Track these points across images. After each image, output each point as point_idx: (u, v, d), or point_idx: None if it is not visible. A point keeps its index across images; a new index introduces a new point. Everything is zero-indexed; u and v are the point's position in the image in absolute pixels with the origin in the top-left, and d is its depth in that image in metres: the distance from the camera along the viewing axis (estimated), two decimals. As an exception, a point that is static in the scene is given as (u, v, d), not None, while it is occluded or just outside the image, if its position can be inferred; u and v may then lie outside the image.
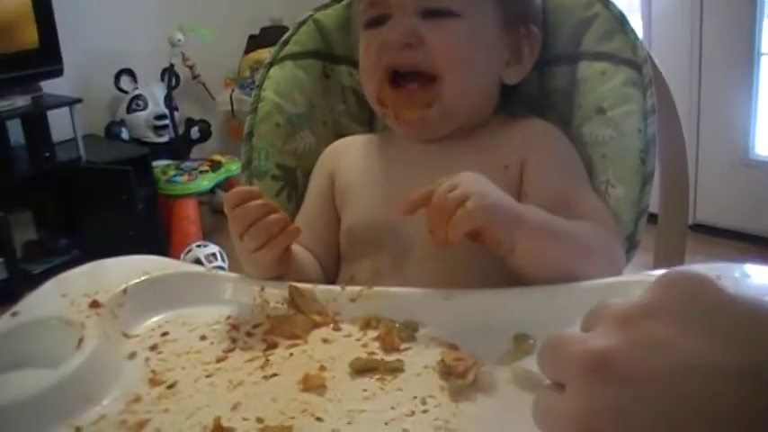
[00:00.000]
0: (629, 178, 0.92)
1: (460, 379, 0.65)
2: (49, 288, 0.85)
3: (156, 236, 3.13)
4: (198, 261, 2.85)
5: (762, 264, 0.78)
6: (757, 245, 2.77)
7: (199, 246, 2.97)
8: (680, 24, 2.86)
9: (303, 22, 1.10)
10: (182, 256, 2.93)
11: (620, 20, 0.98)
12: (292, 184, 1.04)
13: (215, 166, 3.34)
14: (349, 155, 1.02)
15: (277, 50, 1.09)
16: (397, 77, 0.92)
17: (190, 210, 3.23)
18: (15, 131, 3.05)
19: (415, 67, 0.91)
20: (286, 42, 1.09)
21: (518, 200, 0.84)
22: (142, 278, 0.85)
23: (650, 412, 0.41)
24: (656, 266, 1.17)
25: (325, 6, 1.10)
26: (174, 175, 3.27)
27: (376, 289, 0.81)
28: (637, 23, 2.97)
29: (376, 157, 1.00)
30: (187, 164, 3.39)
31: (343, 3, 1.10)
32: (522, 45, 0.97)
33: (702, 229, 2.93)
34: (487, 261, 0.85)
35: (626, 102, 0.94)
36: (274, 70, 1.07)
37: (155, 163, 3.28)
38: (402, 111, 0.93)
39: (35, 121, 3.04)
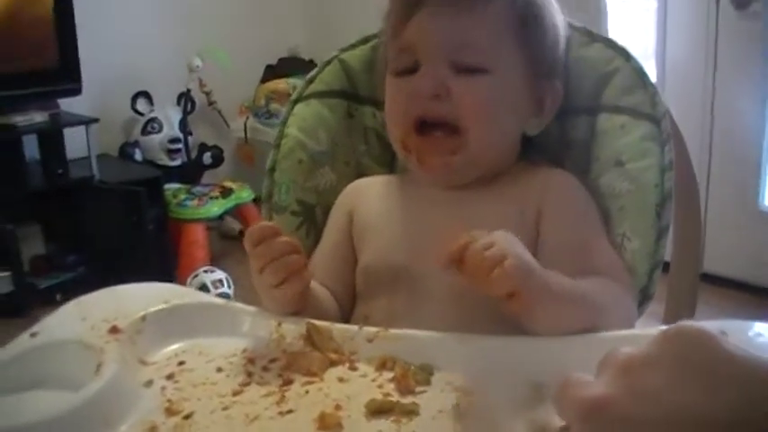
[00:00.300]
0: (644, 231, 0.94)
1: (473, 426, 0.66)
2: (69, 310, 0.86)
3: (163, 258, 3.15)
4: (204, 286, 2.86)
5: None
6: (765, 297, 2.76)
7: (206, 271, 2.98)
8: (693, 71, 2.88)
9: (329, 62, 1.12)
10: (188, 280, 2.94)
11: (641, 75, 1.00)
12: (312, 220, 1.06)
13: (226, 192, 3.36)
14: (369, 194, 1.03)
15: (303, 88, 1.10)
16: (423, 125, 0.94)
17: (198, 234, 3.24)
18: (31, 146, 3.09)
19: (443, 119, 0.93)
20: (312, 80, 1.11)
21: (532, 247, 0.86)
22: (161, 306, 0.86)
23: None
24: (666, 316, 1.18)
25: (352, 47, 1.12)
26: (185, 199, 3.29)
27: (393, 331, 0.82)
28: (651, 69, 2.99)
29: (395, 198, 1.01)
30: (198, 188, 3.41)
31: (370, 44, 1.12)
32: (545, 98, 0.99)
33: (709, 279, 2.93)
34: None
35: (644, 156, 0.96)
36: (299, 107, 1.09)
37: (166, 186, 3.30)
38: (426, 156, 0.95)
39: (51, 137, 3.08)
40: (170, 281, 2.92)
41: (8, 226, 2.88)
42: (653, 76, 2.89)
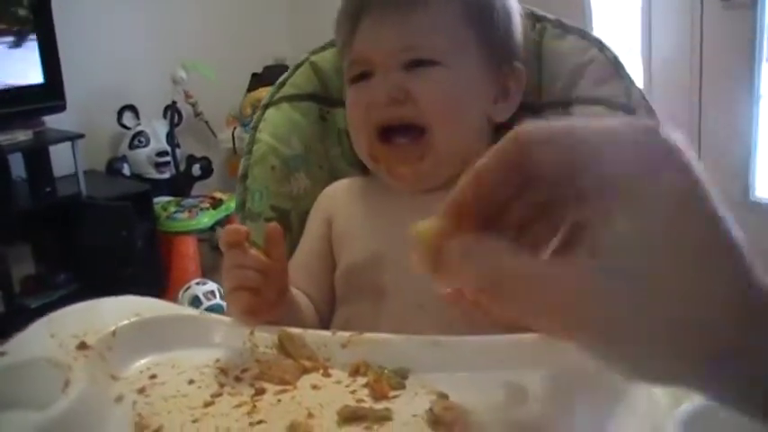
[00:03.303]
0: None
1: (448, 430, 0.64)
2: (38, 328, 0.84)
3: (155, 272, 3.13)
4: (196, 298, 2.84)
5: None
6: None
7: (198, 283, 2.96)
8: (680, 66, 2.87)
9: (300, 65, 1.11)
10: (180, 293, 2.92)
11: (615, 64, 0.98)
12: (286, 226, 1.04)
13: (216, 203, 3.35)
14: (346, 198, 1.02)
15: (273, 92, 1.09)
16: (386, 132, 0.92)
17: (189, 247, 3.22)
18: (17, 165, 3.06)
19: (404, 121, 0.92)
20: (282, 84, 1.10)
21: None
22: (132, 320, 0.84)
23: None
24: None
25: (322, 49, 1.11)
26: (175, 212, 3.27)
27: (366, 335, 0.80)
28: (637, 65, 2.98)
29: (373, 202, 1.00)
30: (188, 201, 3.39)
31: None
32: (507, 82, 0.97)
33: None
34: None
35: None
36: (270, 112, 1.08)
37: (155, 199, 3.29)
38: (394, 166, 0.94)
39: (37, 155, 3.06)
40: (161, 295, 2.91)
41: (-3, 247, 2.87)
42: (639, 72, 2.92)
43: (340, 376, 0.77)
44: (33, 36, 2.97)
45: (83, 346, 0.79)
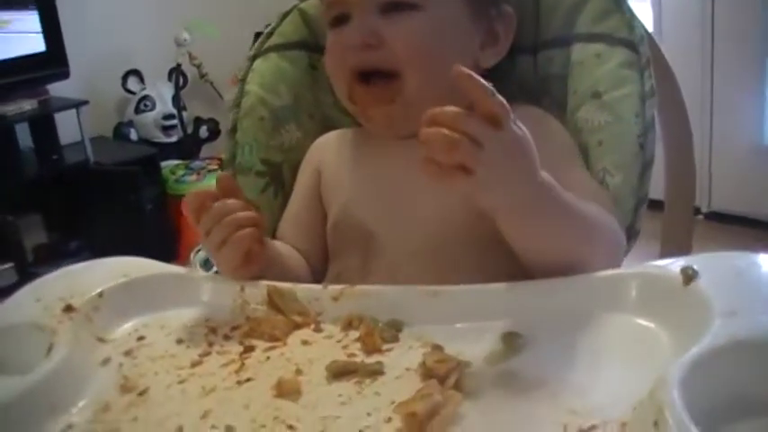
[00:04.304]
0: (627, 165, 0.88)
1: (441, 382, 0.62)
2: (25, 293, 0.82)
3: (165, 236, 3.12)
4: (207, 260, 2.82)
5: None
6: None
7: (208, 245, 2.94)
8: (690, 14, 2.80)
9: (288, 13, 1.07)
10: (191, 255, 2.90)
11: None
12: (278, 179, 1.01)
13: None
14: (335, 149, 0.98)
15: (261, 42, 1.05)
16: (366, 76, 0.89)
17: (199, 209, 3.20)
18: (23, 135, 3.04)
19: (377, 68, 0.88)
20: (270, 34, 1.06)
21: None
22: (120, 281, 0.82)
23: None
24: (662, 254, 1.13)
25: (311, -5, 1.07)
26: (183, 175, 3.25)
27: (359, 287, 0.77)
28: (647, 13, 2.91)
29: (361, 152, 0.96)
30: (196, 163, 3.37)
31: (330, -9, 1.07)
32: (495, 27, 0.93)
33: (717, 216, 2.88)
34: (481, 255, 0.82)
35: (622, 84, 0.90)
36: (258, 63, 1.04)
37: (164, 163, 3.26)
38: (367, 108, 0.90)
39: (42, 124, 3.03)
40: (173, 258, 2.90)
41: (9, 217, 2.85)
42: (649, 21, 2.85)
43: (332, 331, 0.74)
44: (33, 4, 2.94)
45: (69, 308, 0.77)
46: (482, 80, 0.65)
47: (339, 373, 0.66)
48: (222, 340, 0.75)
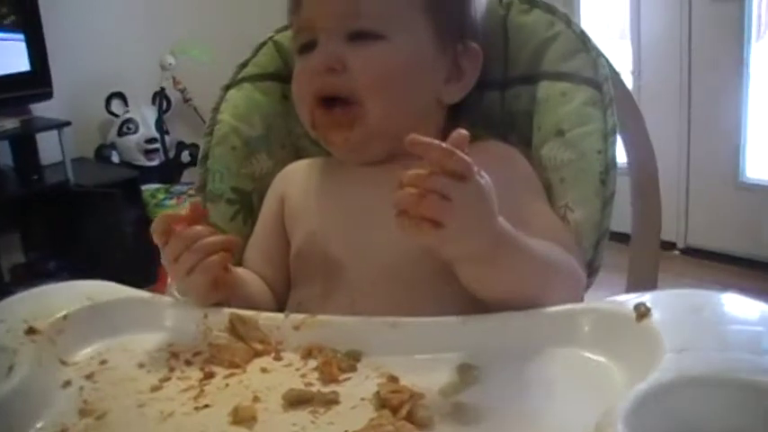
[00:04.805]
0: (588, 201, 0.90)
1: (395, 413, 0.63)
2: (-10, 314, 0.83)
3: (144, 259, 3.11)
4: (185, 285, 2.82)
5: (753, 287, 0.76)
6: (747, 268, 2.73)
7: (187, 269, 2.94)
8: (669, 48, 2.85)
9: (263, 44, 1.09)
10: (169, 279, 2.90)
11: (582, 38, 0.96)
12: (248, 207, 1.02)
13: (205, 189, 3.32)
14: (299, 177, 1.00)
15: (235, 73, 1.07)
16: (329, 103, 0.90)
17: (179, 233, 3.20)
18: (4, 153, 3.05)
19: (338, 93, 0.89)
20: (245, 65, 1.08)
21: None
22: (84, 304, 0.83)
23: None
24: (628, 287, 1.15)
25: (285, 27, 1.08)
26: (164, 199, 3.26)
27: (320, 317, 0.78)
28: (626, 48, 2.96)
29: (324, 180, 0.98)
30: (177, 188, 3.37)
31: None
32: (461, 62, 0.95)
33: (694, 252, 2.91)
34: (440, 286, 0.83)
35: (586, 122, 0.92)
36: (231, 93, 1.06)
37: (144, 187, 3.27)
38: (327, 133, 0.92)
39: (24, 143, 3.04)
40: (151, 282, 2.89)
41: (-14, 236, 2.85)
42: (628, 55, 2.90)
43: (291, 359, 0.75)
44: (19, 23, 2.95)
45: (31, 331, 0.77)
46: (436, 142, 0.68)
47: (295, 401, 0.67)
48: (183, 365, 0.76)
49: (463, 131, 0.69)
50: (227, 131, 1.03)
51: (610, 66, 0.97)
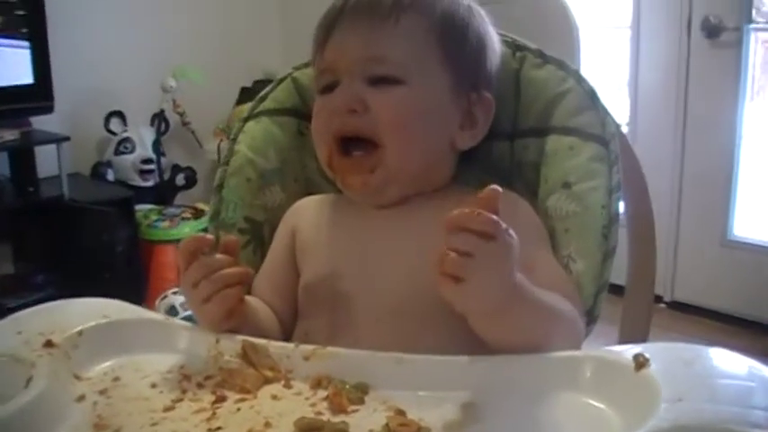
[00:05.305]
0: (590, 253, 0.93)
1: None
2: (6, 325, 0.85)
3: (133, 279, 3.12)
4: (173, 308, 2.83)
5: (738, 344, 0.79)
6: (734, 325, 2.76)
7: (175, 293, 2.94)
8: (666, 101, 2.90)
9: (282, 80, 1.13)
10: (157, 301, 2.91)
11: (592, 96, 1.00)
12: (259, 237, 1.05)
13: (198, 214, 3.34)
14: (311, 212, 1.03)
15: (254, 106, 1.11)
16: (347, 145, 0.94)
17: (169, 256, 3.21)
18: (2, 164, 3.06)
19: (359, 133, 0.93)
20: (264, 98, 1.11)
21: None
22: (99, 321, 0.85)
23: None
24: (621, 338, 1.18)
25: (305, 65, 1.12)
26: (156, 221, 3.27)
27: (329, 349, 0.81)
28: (624, 101, 3.02)
29: (336, 217, 1.01)
30: (170, 210, 3.38)
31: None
32: (474, 110, 0.98)
33: (680, 306, 2.94)
34: (444, 323, 0.85)
35: (592, 177, 0.96)
36: (250, 125, 1.09)
37: (138, 207, 3.27)
38: (347, 176, 0.95)
39: (22, 155, 3.05)
40: (139, 302, 2.88)
41: (-24, 246, 2.85)
42: (626, 107, 2.95)
43: (301, 388, 0.78)
44: (26, 36, 2.98)
45: (49, 343, 0.80)
46: (461, 210, 0.72)
47: (306, 428, 0.69)
48: (195, 388, 0.78)
49: (496, 187, 0.73)
50: (242, 163, 1.06)
51: (615, 125, 1.01)
